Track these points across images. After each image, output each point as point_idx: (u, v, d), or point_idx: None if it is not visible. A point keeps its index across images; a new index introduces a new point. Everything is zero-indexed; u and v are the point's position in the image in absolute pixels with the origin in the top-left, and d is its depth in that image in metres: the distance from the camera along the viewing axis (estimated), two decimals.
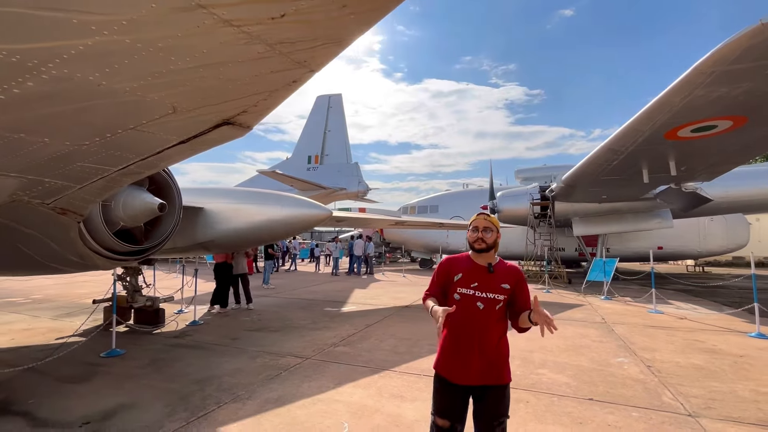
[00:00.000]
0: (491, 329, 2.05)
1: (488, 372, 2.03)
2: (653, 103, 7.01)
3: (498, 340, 2.07)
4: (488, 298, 2.03)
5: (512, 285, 2.09)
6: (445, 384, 2.10)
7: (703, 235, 17.04)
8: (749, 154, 9.82)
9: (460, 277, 2.11)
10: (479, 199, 19.62)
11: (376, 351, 5.47)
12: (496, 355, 2.06)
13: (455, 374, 2.06)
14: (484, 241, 2.13)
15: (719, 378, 4.40)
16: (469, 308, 2.04)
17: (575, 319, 7.57)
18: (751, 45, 5.08)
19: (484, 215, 2.21)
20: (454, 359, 2.07)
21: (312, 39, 1.09)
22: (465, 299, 2.06)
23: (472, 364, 2.02)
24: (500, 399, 2.06)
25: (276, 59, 1.15)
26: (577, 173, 11.75)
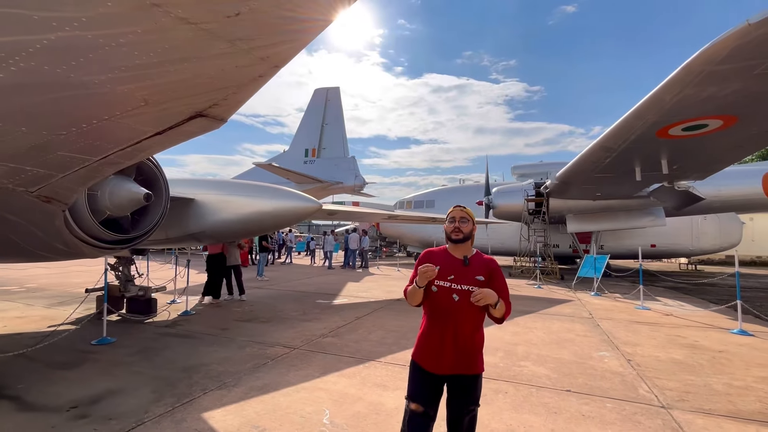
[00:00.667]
0: (466, 320, 2.10)
1: (461, 362, 2.09)
2: (644, 101, 7.05)
3: (473, 331, 2.12)
4: (463, 290, 2.08)
5: (487, 277, 2.14)
6: (419, 371, 2.17)
7: (696, 234, 17.16)
8: (740, 154, 9.87)
9: (437, 270, 2.15)
10: (475, 194, 19.69)
11: (364, 342, 5.56)
12: (470, 346, 2.10)
13: (429, 363, 2.13)
14: (461, 231, 2.20)
15: (696, 372, 4.51)
16: (446, 300, 2.11)
17: (563, 314, 7.68)
18: (738, 45, 5.12)
19: (460, 207, 2.29)
20: (430, 349, 2.14)
21: (272, 35, 1.15)
22: (441, 291, 2.12)
23: (446, 353, 2.08)
24: (471, 388, 2.12)
25: (239, 55, 1.21)
26: (571, 170, 11.81)
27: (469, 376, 2.11)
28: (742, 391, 3.97)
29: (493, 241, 18.88)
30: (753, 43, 5.08)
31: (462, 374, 2.10)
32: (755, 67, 5.57)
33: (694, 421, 3.33)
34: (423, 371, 2.15)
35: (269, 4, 0.99)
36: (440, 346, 2.10)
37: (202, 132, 1.86)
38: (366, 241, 18.59)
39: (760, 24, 4.76)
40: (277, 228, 8.17)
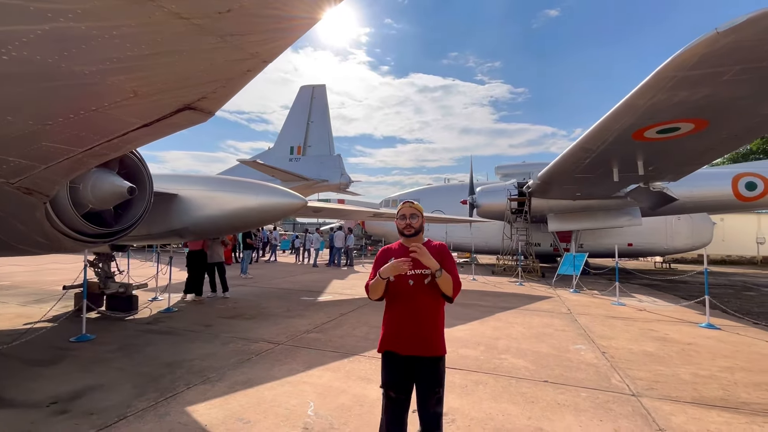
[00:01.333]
0: (423, 304, 2.22)
1: (422, 344, 2.20)
2: (621, 104, 7.31)
3: (431, 315, 2.24)
4: (416, 274, 2.21)
5: (438, 260, 2.23)
6: (387, 356, 2.29)
7: (670, 234, 17.80)
8: (711, 156, 10.31)
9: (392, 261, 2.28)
10: (459, 193, 19.94)
11: (348, 337, 5.62)
12: (429, 329, 2.22)
13: (396, 345, 2.24)
14: (412, 227, 2.34)
15: (665, 363, 4.73)
16: (402, 287, 2.24)
17: (543, 310, 7.90)
18: (707, 53, 5.38)
19: (409, 203, 2.41)
20: (393, 333, 2.26)
21: (260, 32, 1.20)
22: (398, 279, 2.23)
23: (406, 335, 2.21)
24: (434, 370, 2.22)
25: (228, 50, 1.25)
26: (552, 170, 12.10)
27: (431, 359, 2.22)
28: (706, 379, 4.20)
29: (477, 240, 19.15)
30: (721, 51, 5.34)
31: (424, 356, 2.21)
32: (724, 73, 5.85)
33: (662, 407, 3.51)
34: (390, 354, 2.27)
35: (258, 2, 1.04)
36: (399, 328, 2.24)
37: (189, 125, 1.89)
38: (351, 239, 18.61)
39: (727, 32, 5.01)
40: (262, 224, 8.14)
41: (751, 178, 14.85)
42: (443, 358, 2.28)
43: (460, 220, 16.20)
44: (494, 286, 11.67)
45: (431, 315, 2.24)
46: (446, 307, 2.39)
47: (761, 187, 14.70)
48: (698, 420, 3.28)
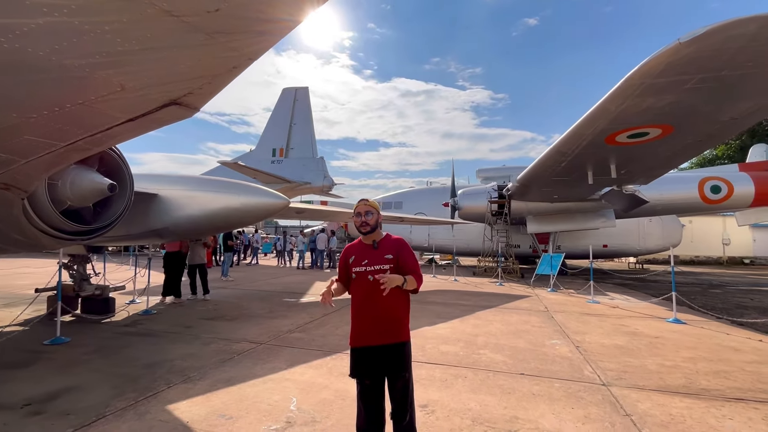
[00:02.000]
0: (383, 296, 2.30)
1: (386, 332, 2.34)
2: (594, 109, 7.62)
3: (392, 305, 2.35)
4: (375, 269, 2.34)
5: (395, 254, 2.40)
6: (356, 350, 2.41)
7: (642, 235, 18.51)
8: (678, 161, 10.83)
9: (353, 259, 2.44)
10: (442, 196, 20.21)
11: (331, 336, 5.66)
12: (392, 317, 2.36)
13: (361, 339, 2.37)
14: (368, 224, 2.45)
15: (634, 355, 4.97)
16: (364, 282, 2.36)
17: (521, 308, 8.12)
18: (670, 62, 5.71)
19: (364, 201, 2.52)
20: (359, 327, 2.39)
21: (247, 30, 1.27)
22: (359, 276, 2.39)
23: (372, 327, 2.34)
24: (398, 355, 2.35)
25: (216, 47, 1.32)
26: (530, 173, 12.45)
27: (395, 345, 2.34)
28: (671, 369, 4.44)
29: (458, 241, 19.43)
30: (684, 60, 5.68)
31: (388, 343, 2.33)
32: (686, 81, 6.21)
33: (629, 395, 3.71)
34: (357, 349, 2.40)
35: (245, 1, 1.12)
36: (366, 321, 2.36)
37: (173, 120, 1.93)
38: (334, 241, 18.58)
39: (689, 43, 5.34)
40: (244, 224, 8.09)
41: (716, 182, 15.63)
42: (407, 344, 2.41)
43: (442, 221, 16.44)
44: (475, 286, 11.89)
45: (392, 305, 2.35)
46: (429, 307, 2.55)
47: (725, 191, 15.49)
48: (662, 406, 3.48)
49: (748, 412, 3.36)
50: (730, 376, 4.23)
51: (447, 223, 17.49)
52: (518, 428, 3.04)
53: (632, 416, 3.27)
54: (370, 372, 2.35)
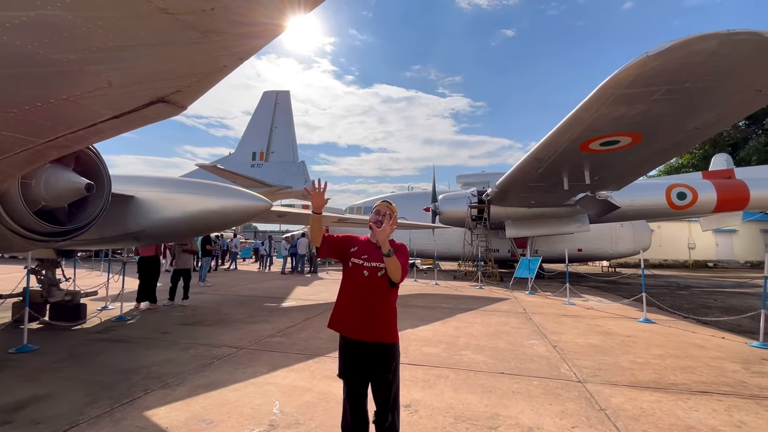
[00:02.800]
0: (377, 293, 2.36)
1: (374, 330, 2.34)
2: (569, 117, 7.92)
3: (381, 304, 2.37)
4: (372, 266, 2.36)
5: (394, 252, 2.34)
6: (345, 341, 2.43)
7: (614, 239, 19.20)
8: (647, 168, 11.35)
9: (355, 249, 2.46)
10: (423, 201, 20.40)
11: (313, 340, 5.63)
12: (380, 316, 2.36)
13: (349, 330, 2.39)
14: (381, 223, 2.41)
15: (608, 353, 5.16)
16: (358, 275, 2.40)
17: (500, 311, 8.28)
18: (639, 74, 6.02)
19: (387, 203, 2.52)
20: (341, 314, 2.43)
21: (240, 30, 1.30)
22: (355, 267, 2.42)
23: (355, 319, 2.36)
24: (384, 355, 2.35)
25: (208, 46, 1.33)
26: (508, 179, 12.76)
27: (382, 345, 2.35)
28: (642, 366, 4.64)
29: (439, 246, 19.63)
30: (651, 72, 6.00)
31: (375, 342, 2.33)
32: (654, 92, 6.55)
33: (603, 391, 3.85)
34: (347, 341, 2.41)
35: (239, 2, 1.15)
36: (350, 311, 2.39)
37: (159, 118, 1.92)
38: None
39: (655, 56, 5.65)
40: (225, 227, 7.95)
41: (682, 189, 16.42)
42: (394, 345, 2.42)
43: (423, 226, 16.61)
44: (455, 289, 12.05)
45: (383, 304, 2.38)
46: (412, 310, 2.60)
47: (690, 197, 16.29)
48: (633, 400, 3.64)
49: (712, 404, 3.55)
50: (696, 371, 4.45)
51: (428, 227, 17.69)
52: (499, 425, 3.11)
53: (606, 410, 3.40)
54: (358, 373, 2.36)
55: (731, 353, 5.20)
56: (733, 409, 3.45)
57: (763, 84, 6.28)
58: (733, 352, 5.24)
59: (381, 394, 2.37)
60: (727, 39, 5.25)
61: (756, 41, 5.17)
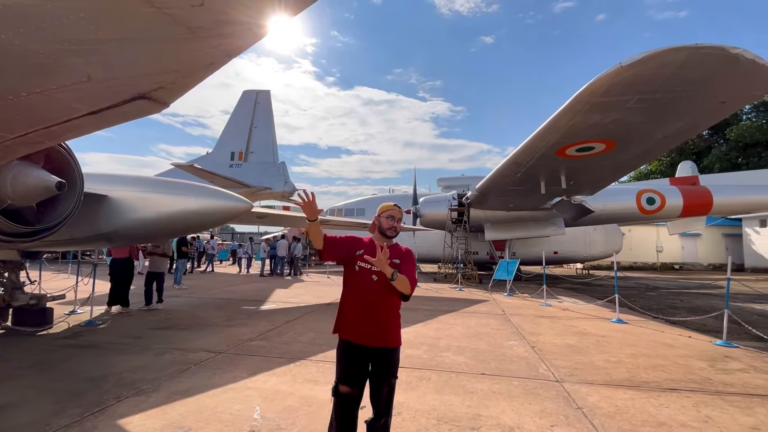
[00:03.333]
0: (384, 298, 2.34)
1: (380, 335, 2.33)
2: (546, 124, 8.14)
3: (387, 309, 2.37)
4: (380, 271, 2.25)
5: (401, 260, 2.41)
6: (347, 347, 2.35)
7: (588, 242, 19.82)
8: (620, 173, 11.79)
9: (362, 252, 2.39)
10: (403, 203, 20.43)
11: (294, 344, 5.55)
12: (384, 321, 2.35)
13: (355, 335, 2.33)
14: (396, 229, 2.49)
15: (584, 353, 5.31)
16: (366, 279, 2.34)
17: (480, 312, 8.40)
18: (613, 83, 6.25)
19: (399, 207, 2.53)
20: (349, 320, 2.36)
21: (228, 27, 1.27)
22: (362, 271, 2.36)
23: (364, 325, 2.31)
24: (389, 360, 2.35)
25: (195, 42, 1.30)
26: (488, 183, 12.99)
27: (388, 350, 2.35)
28: (616, 365, 4.80)
29: (419, 248, 19.72)
30: (625, 82, 6.24)
31: (382, 347, 2.33)
32: (627, 101, 6.82)
33: (580, 389, 3.96)
34: (350, 346, 2.33)
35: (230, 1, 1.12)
36: (358, 317, 2.32)
37: (140, 115, 1.85)
38: (298, 248, 18.18)
39: (629, 66, 5.88)
40: (203, 228, 7.74)
41: (651, 194, 17.12)
42: (399, 349, 2.43)
43: (404, 228, 16.67)
44: (436, 291, 12.14)
45: (390, 309, 2.38)
46: None
47: (659, 202, 17.00)
48: (609, 398, 3.76)
49: (681, 401, 3.70)
50: (666, 369, 4.64)
51: (409, 229, 17.75)
52: (481, 425, 3.15)
53: (583, 409, 3.49)
54: (356, 377, 2.32)
55: (697, 351, 5.45)
56: (700, 405, 3.61)
57: (727, 96, 6.64)
58: (699, 351, 5.49)
59: (382, 399, 2.33)
60: (694, 52, 5.52)
61: (720, 55, 5.46)
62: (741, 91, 6.42)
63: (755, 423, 3.26)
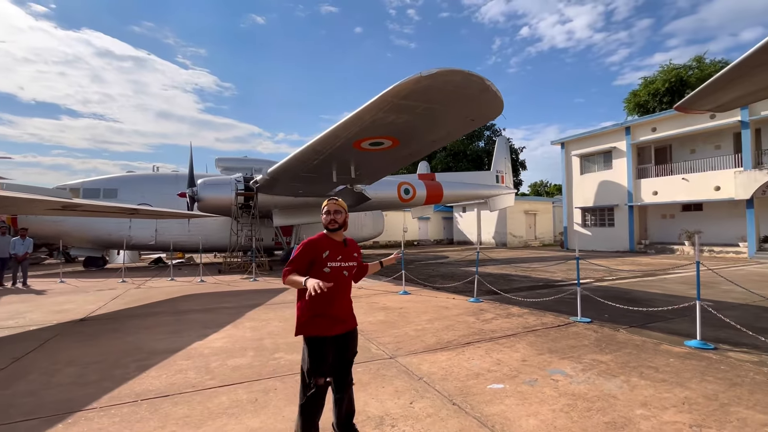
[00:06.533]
0: (347, 290, 2.70)
1: (348, 320, 2.67)
2: (352, 116, 8.56)
3: (349, 297, 2.74)
4: (349, 266, 2.65)
5: (359, 254, 2.78)
6: (319, 341, 2.51)
7: (359, 226, 22.58)
8: (394, 167, 13.86)
9: (328, 253, 2.56)
10: (175, 185, 17.29)
11: (49, 390, 3.72)
12: (350, 308, 2.73)
13: (328, 329, 2.53)
14: (336, 222, 2.64)
15: (396, 326, 5.99)
16: (338, 276, 2.57)
17: (287, 301, 8.13)
18: (413, 89, 7.20)
19: (334, 200, 2.69)
20: (327, 317, 2.53)
21: None
22: (334, 270, 2.56)
23: (340, 317, 2.59)
24: (355, 338, 2.74)
25: None
26: (284, 167, 12.61)
27: (354, 330, 2.73)
28: (424, 333, 5.65)
29: (195, 237, 17.24)
30: (420, 90, 7.28)
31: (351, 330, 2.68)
32: (418, 107, 8.01)
33: (411, 361, 4.44)
34: (323, 340, 2.52)
35: None
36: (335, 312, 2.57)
37: None
38: (28, 244, 11.91)
39: (426, 78, 6.87)
40: None
41: (407, 186, 21.10)
42: (356, 328, 2.79)
43: (178, 214, 14.04)
44: (228, 285, 10.92)
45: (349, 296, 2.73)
46: (188, 316, 2.69)
47: (412, 192, 21.17)
48: (434, 362, 4.38)
49: (478, 351, 4.74)
50: (455, 328, 5.84)
51: (184, 216, 15.14)
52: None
53: (423, 378, 3.93)
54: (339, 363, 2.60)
55: (464, 309, 7.14)
56: (490, 351, 4.73)
57: (475, 114, 8.83)
58: (465, 309, 7.21)
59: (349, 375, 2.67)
60: (467, 76, 6.99)
61: (479, 82, 7.14)
62: (484, 112, 8.67)
63: (522, 356, 4.54)
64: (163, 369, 4.25)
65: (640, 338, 5.18)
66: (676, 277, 11.30)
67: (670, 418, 3.03)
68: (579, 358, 4.45)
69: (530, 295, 8.32)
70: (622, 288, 9.37)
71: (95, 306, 7.93)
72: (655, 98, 32.51)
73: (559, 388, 3.64)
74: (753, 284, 9.30)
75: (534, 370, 4.10)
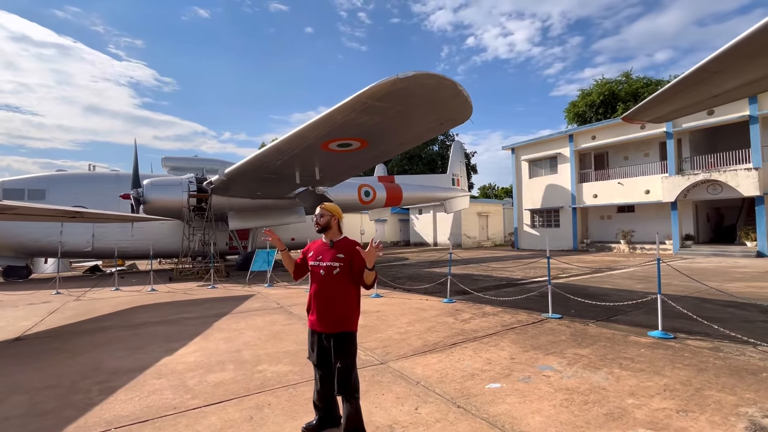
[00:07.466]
0: (336, 290, 2.73)
1: (336, 322, 2.71)
2: (323, 116, 8.34)
3: (341, 297, 2.73)
4: (326, 266, 2.76)
5: (347, 254, 2.75)
6: (310, 334, 2.85)
7: None
8: (358, 170, 13.73)
9: (311, 254, 2.90)
10: (115, 185, 15.81)
11: None
12: (341, 309, 2.72)
13: (312, 324, 2.81)
14: (318, 224, 2.87)
15: (378, 330, 5.90)
16: (316, 275, 2.80)
17: (255, 309, 7.71)
18: (389, 91, 7.16)
19: (322, 205, 2.90)
20: (312, 313, 2.83)
21: None
22: (313, 269, 2.84)
23: (324, 316, 2.73)
24: (345, 343, 2.71)
25: None
26: (243, 168, 12.00)
27: (343, 333, 2.71)
28: (408, 335, 5.61)
29: (139, 242, 15.89)
30: (395, 92, 7.25)
31: (339, 332, 2.70)
32: (391, 108, 7.98)
33: (404, 365, 4.37)
34: (313, 333, 2.83)
35: None
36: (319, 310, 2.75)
37: None
38: None
39: (403, 80, 6.86)
40: None
41: (368, 188, 21.07)
42: (353, 334, 2.77)
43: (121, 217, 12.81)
44: (185, 294, 10.12)
45: (346, 299, 2.74)
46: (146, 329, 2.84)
47: (372, 195, 21.16)
48: (426, 366, 4.35)
49: (464, 352, 4.78)
50: (437, 329, 5.86)
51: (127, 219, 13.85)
52: None
53: (421, 382, 3.88)
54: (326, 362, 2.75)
55: (440, 310, 7.21)
56: (478, 350, 4.79)
57: (445, 118, 8.99)
58: (441, 309, 7.28)
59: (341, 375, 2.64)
60: (440, 80, 7.09)
61: (451, 87, 7.28)
62: (454, 116, 8.84)
63: (509, 354, 4.66)
64: (134, 390, 3.81)
65: (609, 331, 5.54)
66: (621, 273, 12.33)
67: (659, 405, 3.25)
68: (561, 353, 4.65)
69: (498, 294, 8.62)
70: (579, 284, 10.02)
71: (30, 322, 6.96)
72: (591, 109, 35.44)
73: (552, 383, 3.77)
74: (682, 277, 10.39)
75: (524, 367, 4.22)
